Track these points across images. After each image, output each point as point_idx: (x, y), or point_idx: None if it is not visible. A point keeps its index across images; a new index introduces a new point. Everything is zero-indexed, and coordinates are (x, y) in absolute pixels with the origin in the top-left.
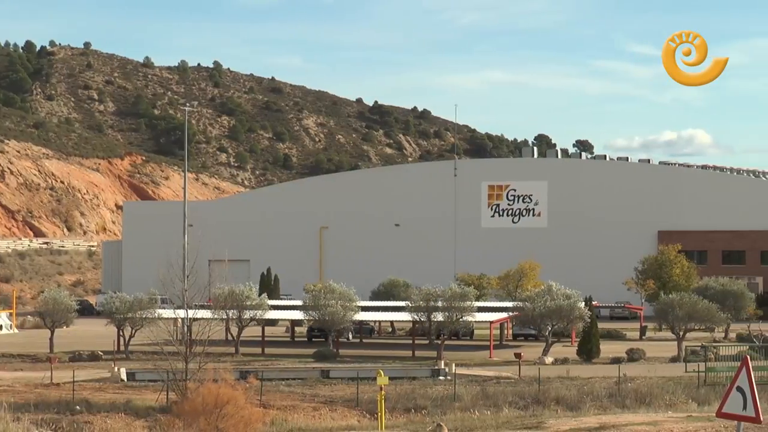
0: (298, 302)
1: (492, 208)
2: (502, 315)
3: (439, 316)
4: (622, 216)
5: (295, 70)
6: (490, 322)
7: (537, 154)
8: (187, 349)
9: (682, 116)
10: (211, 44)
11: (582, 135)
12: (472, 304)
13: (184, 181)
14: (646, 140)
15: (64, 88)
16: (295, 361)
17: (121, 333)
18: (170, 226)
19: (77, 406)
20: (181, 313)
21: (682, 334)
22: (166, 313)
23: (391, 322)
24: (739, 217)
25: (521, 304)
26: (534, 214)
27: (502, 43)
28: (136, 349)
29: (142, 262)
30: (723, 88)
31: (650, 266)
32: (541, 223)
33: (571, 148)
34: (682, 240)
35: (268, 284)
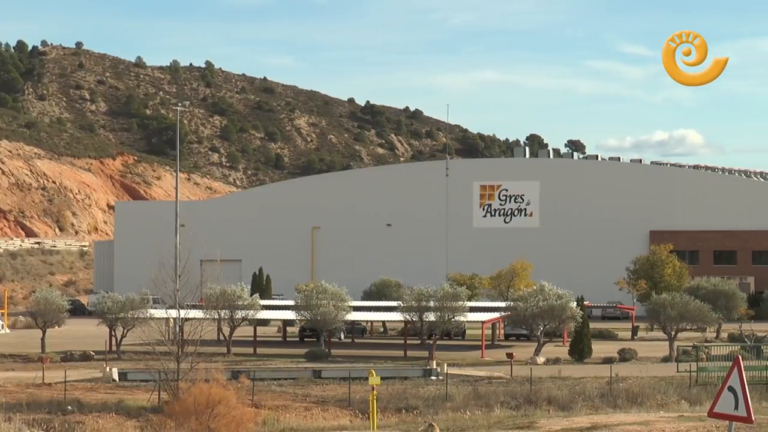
0: (290, 302)
1: (484, 208)
2: (494, 315)
3: (431, 316)
4: (613, 216)
5: (287, 70)
6: (482, 322)
7: (529, 154)
8: (179, 349)
9: (673, 116)
10: (203, 44)
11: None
12: (464, 304)
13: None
14: (638, 140)
15: (55, 87)
16: (286, 361)
17: (113, 333)
18: (162, 226)
19: (69, 406)
20: (173, 313)
21: (673, 334)
22: (158, 313)
23: (383, 322)
24: (730, 217)
25: (513, 304)
26: (526, 214)
27: (494, 43)
28: (128, 349)
29: (133, 262)
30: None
31: (642, 266)
32: (533, 223)
33: (563, 148)
34: (674, 240)
35: (260, 284)
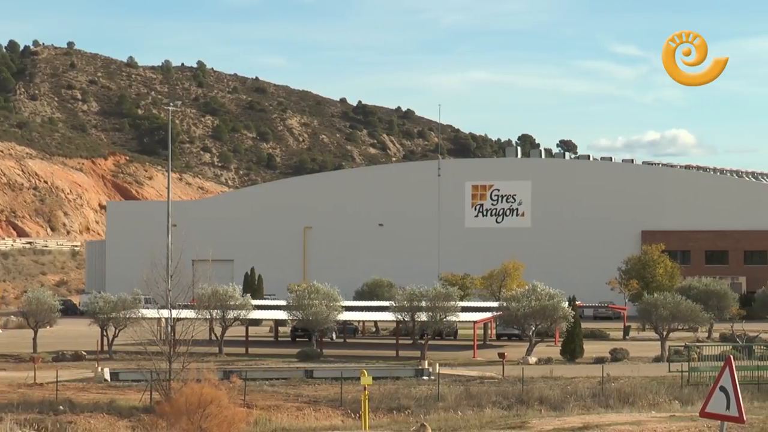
0: (282, 302)
1: (476, 208)
2: (486, 315)
3: (423, 316)
4: (605, 216)
5: (278, 70)
6: (474, 322)
7: (521, 154)
8: (171, 349)
9: (665, 116)
10: (195, 44)
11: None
12: (456, 304)
13: (168, 181)
14: (630, 140)
15: (47, 87)
16: (278, 361)
17: (105, 333)
18: (154, 226)
19: (60, 406)
20: (165, 313)
21: (665, 333)
22: (150, 313)
23: (375, 322)
24: (722, 217)
25: (505, 304)
26: (518, 214)
27: (486, 43)
28: (120, 349)
29: (125, 262)
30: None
31: (634, 266)
32: (525, 223)
33: (555, 148)
34: (666, 240)
35: (252, 284)
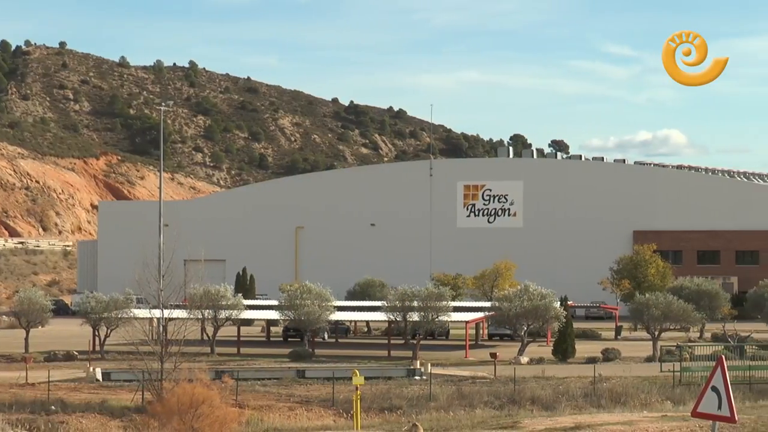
0: (274, 302)
1: (468, 208)
2: (478, 315)
3: (415, 316)
4: (597, 216)
5: (270, 70)
6: (466, 322)
7: (512, 154)
8: (163, 349)
9: (657, 116)
10: (187, 44)
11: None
12: (448, 304)
13: (160, 181)
14: (622, 140)
15: (39, 87)
16: (270, 361)
17: (97, 333)
18: (146, 226)
19: (52, 406)
20: (157, 313)
21: (657, 333)
22: (142, 313)
23: (367, 322)
24: (713, 217)
25: (497, 303)
26: (509, 214)
27: (477, 43)
28: (112, 349)
29: (117, 262)
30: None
31: (625, 266)
32: (517, 223)
33: (547, 148)
34: (657, 240)
35: (244, 284)
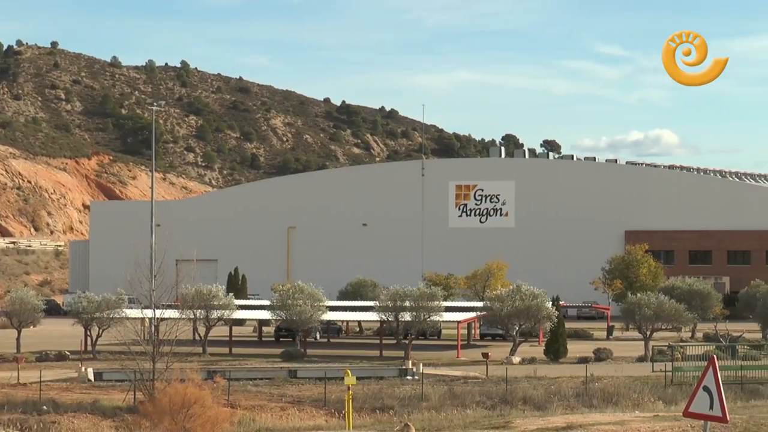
0: (266, 302)
1: (459, 208)
2: (470, 315)
3: (407, 316)
4: (589, 216)
5: (262, 70)
6: (458, 322)
7: (504, 154)
8: (155, 349)
9: (648, 116)
10: (179, 44)
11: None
12: (440, 304)
13: (152, 181)
14: (614, 140)
15: (31, 87)
16: (262, 361)
17: (89, 333)
18: (138, 226)
19: (44, 406)
20: (149, 313)
21: (649, 333)
22: (134, 313)
23: (359, 322)
24: (705, 217)
25: (489, 303)
26: (501, 214)
27: (469, 43)
28: (104, 349)
29: (109, 262)
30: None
31: (617, 266)
32: (509, 223)
33: (539, 148)
34: (649, 240)
35: (236, 284)
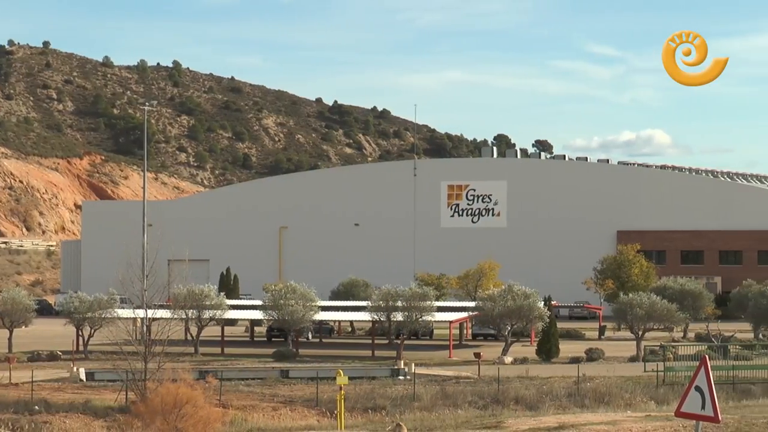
0: (258, 302)
1: (451, 208)
2: (462, 315)
3: (399, 316)
4: (581, 216)
5: (254, 70)
6: (450, 322)
7: (496, 154)
8: (147, 349)
9: (640, 116)
10: (171, 44)
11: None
12: (432, 303)
13: (144, 181)
14: (605, 140)
15: (22, 87)
16: (254, 361)
17: (80, 333)
18: (129, 226)
19: (36, 406)
20: (141, 313)
21: (640, 333)
22: (126, 313)
23: (351, 322)
24: (697, 217)
25: (481, 303)
26: (493, 214)
27: (461, 43)
28: (96, 349)
29: (101, 262)
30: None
31: (609, 266)
32: (501, 223)
33: (531, 148)
34: (641, 240)
35: (228, 284)
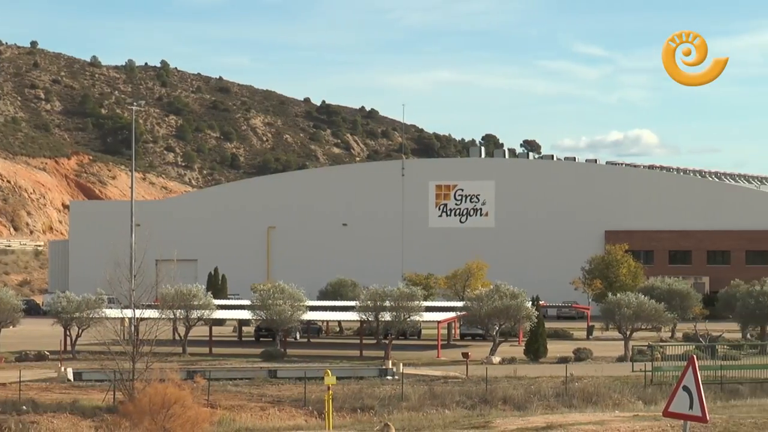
0: (246, 302)
1: (440, 208)
2: (450, 315)
3: (387, 316)
4: (569, 216)
5: (242, 70)
6: (438, 322)
7: (484, 154)
8: (134, 349)
9: (628, 116)
10: (159, 43)
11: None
12: (420, 303)
13: (132, 181)
14: (593, 140)
15: (10, 87)
16: (242, 361)
17: (68, 333)
18: (117, 226)
19: (23, 406)
20: (129, 313)
21: (628, 333)
22: (113, 313)
23: (339, 322)
24: (685, 217)
25: (469, 303)
26: (481, 214)
27: (449, 43)
28: (83, 349)
29: (89, 262)
30: (669, 88)
31: (597, 266)
32: (489, 223)
33: (519, 148)
34: (629, 240)
35: (216, 284)
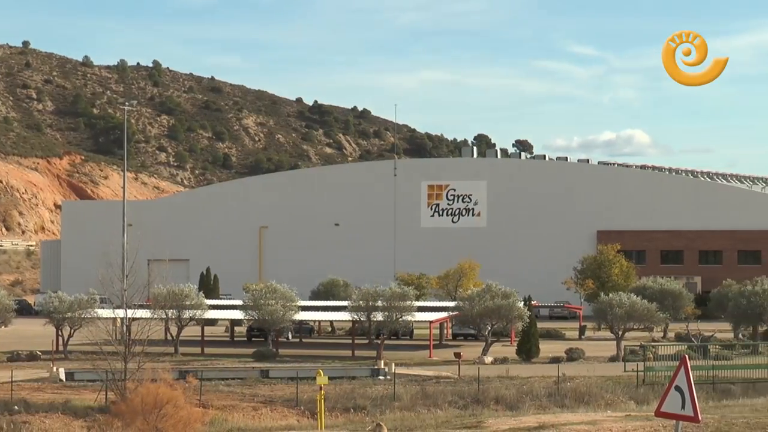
0: (238, 302)
1: (432, 208)
2: (442, 315)
3: (379, 316)
4: (561, 216)
5: (234, 70)
6: (430, 322)
7: (476, 154)
8: (126, 348)
9: (621, 116)
10: (151, 43)
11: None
12: (412, 303)
13: (124, 181)
14: (586, 140)
15: (2, 87)
16: (234, 361)
17: (60, 333)
18: (109, 226)
19: (15, 406)
20: (120, 313)
21: (621, 333)
22: (105, 313)
23: (331, 322)
24: (677, 217)
25: (461, 303)
26: (473, 214)
27: (441, 43)
28: (75, 349)
29: (81, 262)
30: (661, 88)
31: (589, 266)
32: (481, 223)
33: (511, 148)
34: (621, 240)
35: (208, 284)
